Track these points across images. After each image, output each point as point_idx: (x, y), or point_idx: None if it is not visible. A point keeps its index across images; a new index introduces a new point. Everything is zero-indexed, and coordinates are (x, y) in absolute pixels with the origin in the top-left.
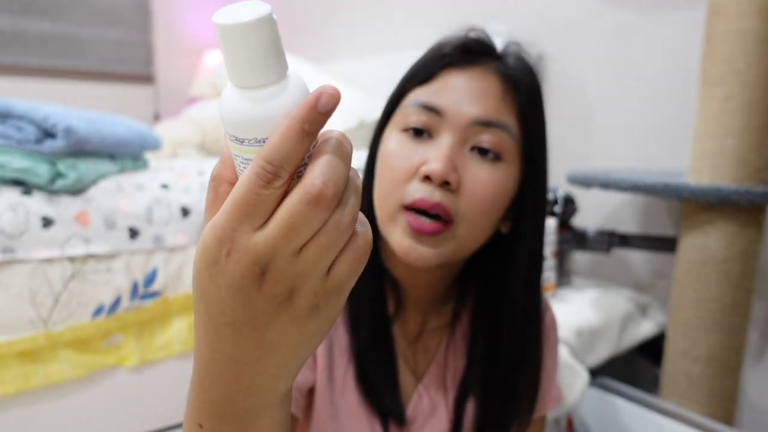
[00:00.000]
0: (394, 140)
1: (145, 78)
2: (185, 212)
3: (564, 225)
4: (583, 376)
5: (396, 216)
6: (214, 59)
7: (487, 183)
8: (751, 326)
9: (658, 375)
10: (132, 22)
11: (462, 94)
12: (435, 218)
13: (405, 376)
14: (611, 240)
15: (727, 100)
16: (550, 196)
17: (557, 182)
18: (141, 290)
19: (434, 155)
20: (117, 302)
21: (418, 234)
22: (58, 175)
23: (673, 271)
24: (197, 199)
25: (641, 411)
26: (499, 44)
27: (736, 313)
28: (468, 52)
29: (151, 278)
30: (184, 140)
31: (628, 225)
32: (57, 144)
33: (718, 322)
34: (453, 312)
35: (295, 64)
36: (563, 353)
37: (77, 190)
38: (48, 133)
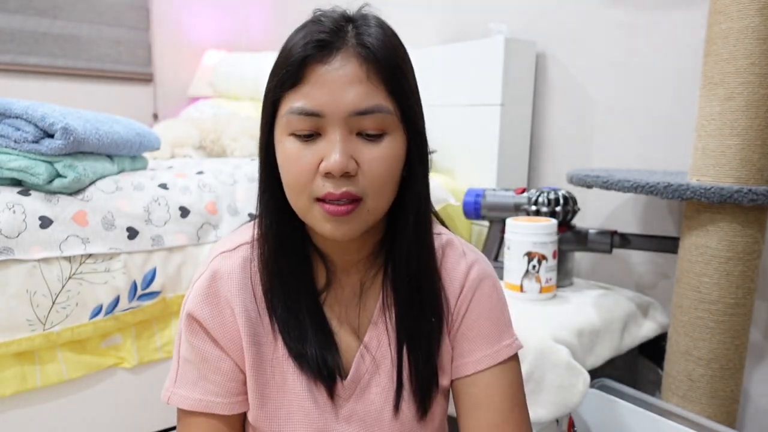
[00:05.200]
0: (288, 145)
1: (144, 78)
2: (184, 212)
3: (565, 225)
4: (585, 377)
5: (311, 207)
6: (212, 59)
7: (379, 160)
8: (753, 326)
9: (660, 376)
10: (131, 22)
11: (332, 88)
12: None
13: (348, 339)
14: (612, 240)
15: (729, 99)
16: (551, 195)
17: (558, 182)
18: (139, 290)
19: (329, 152)
20: (115, 302)
21: (335, 216)
22: (56, 175)
23: (675, 271)
24: (196, 199)
25: (642, 412)
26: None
27: (738, 313)
28: (324, 43)
29: (149, 278)
30: (182, 140)
31: (630, 225)
32: (55, 144)
33: (720, 323)
34: (384, 269)
35: None
36: (563, 353)
37: (75, 190)
38: (46, 133)
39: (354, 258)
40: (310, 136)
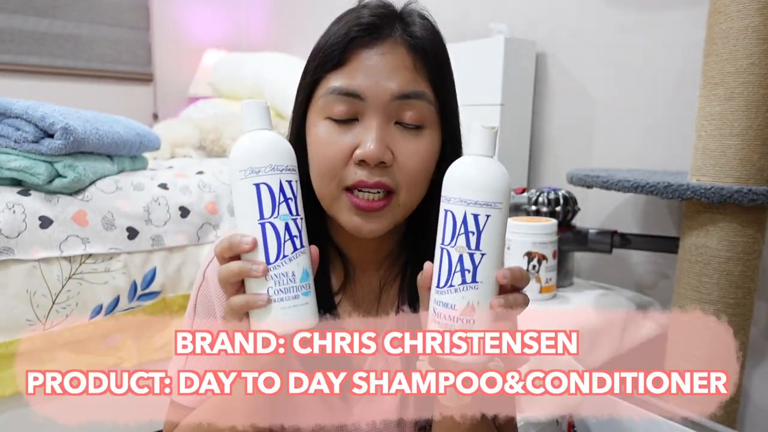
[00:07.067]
0: (322, 128)
1: (144, 78)
2: (184, 212)
3: (565, 225)
4: None
5: (339, 197)
6: (212, 59)
7: (416, 152)
8: (753, 326)
9: None
10: (131, 22)
11: (377, 72)
12: (377, 193)
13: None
14: (612, 240)
15: (729, 99)
16: (551, 195)
17: (558, 182)
18: (139, 290)
19: (365, 139)
20: (115, 302)
21: (365, 211)
22: (56, 175)
23: (675, 271)
24: (196, 199)
25: (642, 412)
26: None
27: (738, 313)
28: (372, 27)
29: (149, 278)
30: (182, 140)
31: (630, 225)
32: (55, 144)
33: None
34: (403, 270)
35: (293, 63)
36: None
37: (75, 190)
38: (46, 133)
39: (373, 257)
40: (347, 121)
